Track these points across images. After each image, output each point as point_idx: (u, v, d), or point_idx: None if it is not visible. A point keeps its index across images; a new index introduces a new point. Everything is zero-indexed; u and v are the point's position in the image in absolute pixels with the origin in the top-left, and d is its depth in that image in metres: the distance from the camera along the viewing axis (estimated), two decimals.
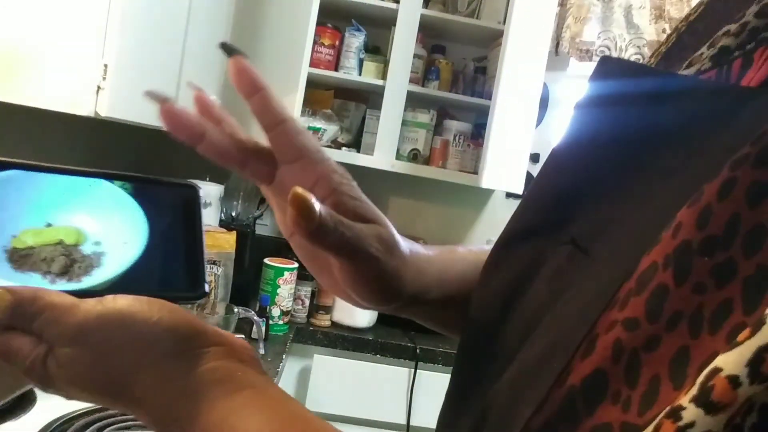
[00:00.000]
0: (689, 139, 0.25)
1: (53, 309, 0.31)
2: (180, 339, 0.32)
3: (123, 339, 0.31)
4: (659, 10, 2.18)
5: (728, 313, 0.20)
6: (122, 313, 0.32)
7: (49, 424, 0.89)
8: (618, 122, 0.30)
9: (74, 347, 0.31)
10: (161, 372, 0.31)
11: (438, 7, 2.12)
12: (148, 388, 0.31)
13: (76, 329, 0.31)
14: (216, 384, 0.31)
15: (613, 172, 0.29)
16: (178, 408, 0.31)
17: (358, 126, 2.24)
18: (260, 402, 0.31)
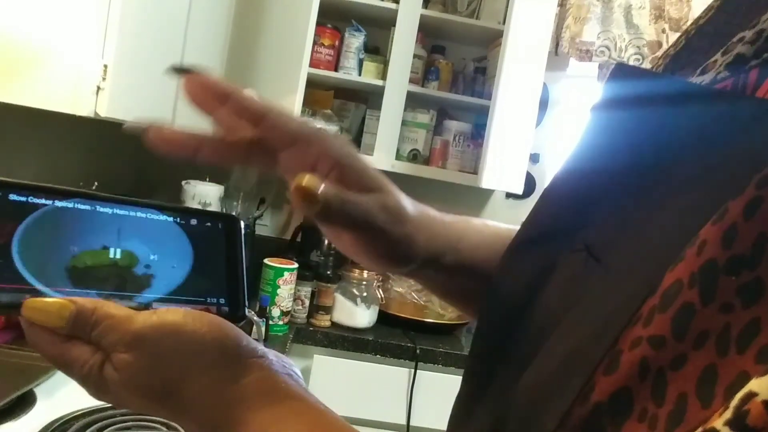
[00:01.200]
0: (707, 150, 0.25)
1: (111, 318, 0.33)
2: (227, 350, 0.34)
3: (175, 347, 0.33)
4: (659, 10, 2.18)
5: (756, 332, 0.20)
6: (175, 323, 0.34)
7: (49, 425, 0.89)
8: (635, 129, 0.30)
9: (131, 352, 0.33)
10: (209, 380, 0.33)
11: (438, 8, 2.12)
12: (195, 394, 0.33)
13: (133, 336, 0.33)
14: (260, 394, 0.33)
15: (629, 180, 0.28)
16: (223, 415, 0.33)
17: (358, 126, 2.24)
18: (301, 413, 0.33)
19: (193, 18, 1.49)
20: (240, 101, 0.37)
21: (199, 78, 0.36)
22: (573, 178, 0.33)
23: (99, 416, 0.94)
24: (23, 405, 0.93)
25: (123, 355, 0.33)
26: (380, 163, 2.07)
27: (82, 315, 0.33)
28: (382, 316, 1.87)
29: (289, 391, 0.34)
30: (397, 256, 0.40)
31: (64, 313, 0.33)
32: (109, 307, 0.34)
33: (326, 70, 2.06)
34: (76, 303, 0.33)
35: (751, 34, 0.29)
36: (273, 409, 0.33)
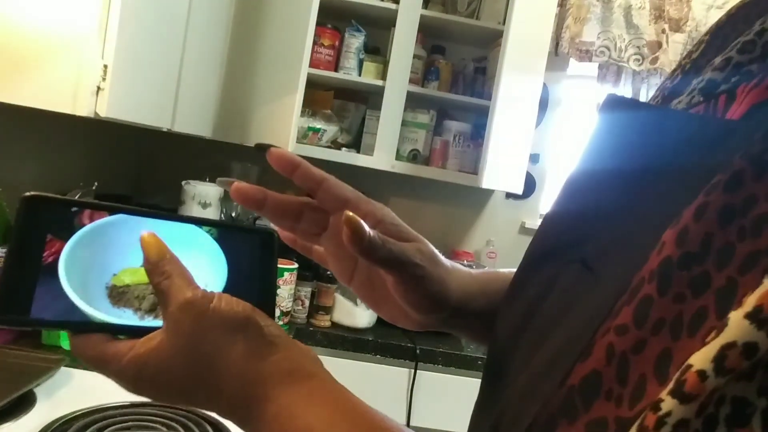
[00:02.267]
0: (679, 167, 0.29)
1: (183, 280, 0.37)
2: (255, 329, 0.37)
3: (215, 322, 0.36)
4: (659, 10, 2.18)
5: (704, 319, 0.23)
6: (216, 299, 0.37)
7: (49, 425, 0.89)
8: (622, 152, 0.33)
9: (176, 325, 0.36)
10: (240, 357, 0.36)
11: (438, 8, 2.13)
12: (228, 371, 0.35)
13: (179, 308, 0.36)
14: (286, 372, 0.36)
15: (619, 198, 0.32)
16: (252, 391, 0.35)
17: (358, 126, 2.24)
18: (323, 392, 0.36)
19: (193, 18, 1.49)
20: (306, 168, 0.46)
21: (278, 151, 0.45)
22: (573, 197, 0.37)
23: (99, 416, 0.94)
24: (23, 405, 0.94)
25: (169, 327, 0.36)
26: (380, 164, 2.07)
27: (168, 261, 0.37)
28: None
29: (313, 370, 0.37)
30: (433, 295, 0.45)
31: (162, 253, 0.37)
32: (184, 273, 0.37)
33: (326, 70, 2.06)
34: (171, 255, 0.38)
35: (721, 61, 0.34)
36: (298, 387, 0.35)
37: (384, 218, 0.46)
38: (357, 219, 0.39)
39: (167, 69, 1.42)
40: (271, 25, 1.89)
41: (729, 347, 0.20)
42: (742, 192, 0.23)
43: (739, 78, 0.33)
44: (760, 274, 0.21)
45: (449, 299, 0.46)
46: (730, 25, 0.39)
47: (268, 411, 0.35)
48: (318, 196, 0.46)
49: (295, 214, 0.46)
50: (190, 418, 0.98)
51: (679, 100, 0.37)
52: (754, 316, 0.20)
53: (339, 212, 0.45)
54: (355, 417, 0.34)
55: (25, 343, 1.17)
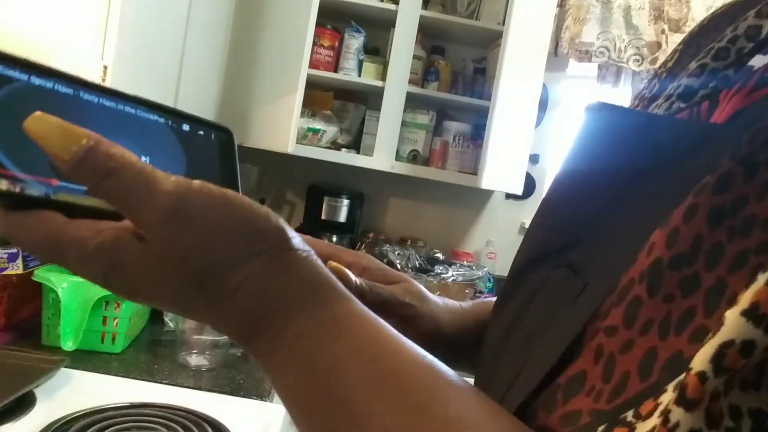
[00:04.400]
0: (665, 171, 0.29)
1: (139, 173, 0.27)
2: (286, 238, 0.30)
3: (226, 221, 0.28)
4: (658, 10, 2.18)
5: (691, 317, 0.23)
6: (224, 193, 0.29)
7: (49, 425, 0.89)
8: (609, 156, 0.34)
9: (170, 219, 0.27)
10: (260, 266, 0.29)
11: (437, 8, 2.13)
12: (246, 280, 0.28)
13: (175, 198, 0.27)
14: (318, 288, 0.30)
15: (606, 201, 0.32)
16: (275, 306, 0.29)
17: (358, 127, 2.24)
18: (357, 320, 0.29)
19: (193, 18, 1.49)
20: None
21: None
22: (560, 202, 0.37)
23: (99, 417, 0.94)
24: (23, 405, 0.94)
25: (158, 223, 0.27)
26: (380, 164, 2.07)
27: (99, 150, 0.27)
28: None
29: (341, 290, 0.30)
30: (429, 335, 0.45)
31: (75, 141, 0.26)
32: (136, 160, 0.27)
33: (326, 71, 2.06)
34: (96, 139, 0.27)
35: (696, 67, 0.35)
36: (329, 307, 0.29)
37: (369, 264, 0.46)
38: (342, 268, 0.40)
39: (167, 69, 1.42)
40: (270, 26, 1.89)
41: (727, 346, 0.20)
42: (731, 193, 0.24)
43: (716, 84, 0.34)
44: (749, 273, 0.22)
45: (444, 335, 0.46)
46: (703, 34, 0.41)
47: (290, 331, 0.28)
48: None
49: None
50: (189, 418, 0.98)
51: (656, 104, 0.38)
52: (750, 314, 0.20)
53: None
54: (397, 358, 0.28)
55: (25, 344, 1.18)
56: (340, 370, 0.27)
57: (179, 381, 1.16)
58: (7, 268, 1.14)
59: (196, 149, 0.37)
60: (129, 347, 1.29)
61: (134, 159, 0.27)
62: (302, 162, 2.06)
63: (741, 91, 0.32)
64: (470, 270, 2.09)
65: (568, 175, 0.37)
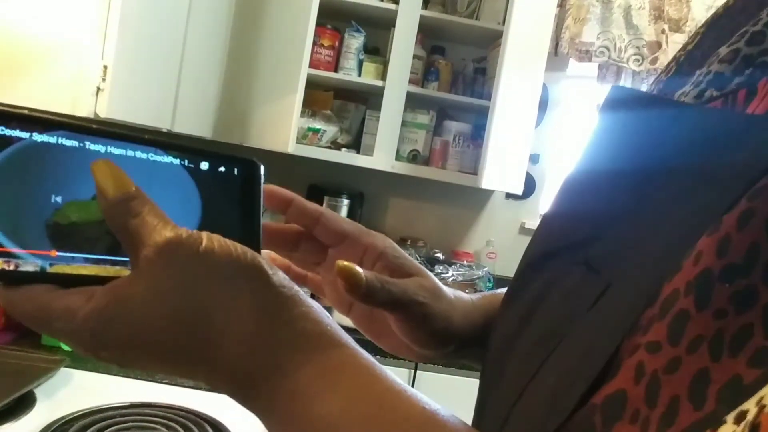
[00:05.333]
0: (700, 165, 0.26)
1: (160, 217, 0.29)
2: (266, 275, 0.30)
3: (211, 267, 0.29)
4: (658, 10, 2.18)
5: (749, 336, 0.20)
6: (210, 244, 0.29)
7: (49, 425, 0.89)
8: (633, 147, 0.31)
9: (156, 264, 0.28)
10: (249, 305, 0.29)
11: (437, 8, 2.13)
12: (230, 324, 0.28)
13: (166, 243, 0.28)
14: (307, 338, 0.29)
15: (628, 196, 0.30)
16: (264, 359, 0.28)
17: (358, 127, 2.24)
18: (352, 371, 0.29)
19: (193, 18, 1.49)
20: (301, 204, 0.43)
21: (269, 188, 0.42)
22: (577, 195, 0.35)
23: (99, 417, 0.94)
24: (23, 405, 0.94)
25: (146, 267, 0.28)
26: (380, 164, 2.07)
27: (137, 200, 0.29)
28: None
29: (335, 336, 0.30)
30: (438, 332, 0.43)
31: (128, 186, 0.29)
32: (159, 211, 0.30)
33: (326, 70, 2.06)
34: (139, 190, 0.29)
35: (728, 53, 0.32)
36: (322, 358, 0.28)
37: (385, 250, 0.44)
38: (350, 267, 0.37)
39: (167, 69, 1.42)
40: (271, 26, 1.89)
41: None
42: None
43: (753, 71, 0.31)
44: None
45: (455, 334, 0.44)
46: (728, 16, 0.38)
47: (283, 388, 0.28)
48: (316, 231, 0.44)
49: (292, 243, 0.44)
50: (189, 418, 0.98)
51: (683, 92, 0.35)
52: None
53: (339, 245, 0.44)
54: (392, 411, 0.27)
55: (25, 344, 1.18)
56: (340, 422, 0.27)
57: (179, 381, 1.16)
58: None
59: (215, 188, 0.36)
60: None
61: (156, 210, 0.29)
62: (302, 162, 2.06)
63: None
64: (470, 270, 2.09)
65: (586, 171, 0.34)
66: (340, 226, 0.44)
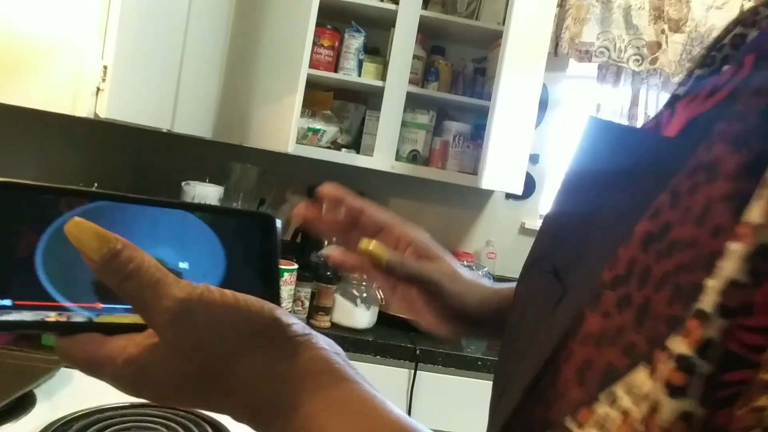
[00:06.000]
0: (627, 182, 0.31)
1: (152, 277, 0.31)
2: (276, 328, 0.33)
3: (224, 321, 0.31)
4: (658, 10, 2.18)
5: (622, 334, 0.25)
6: (223, 296, 0.32)
7: (49, 426, 0.89)
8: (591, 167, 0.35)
9: (175, 324, 0.31)
10: (260, 358, 0.32)
11: (437, 8, 2.13)
12: (245, 374, 0.31)
13: (179, 303, 0.31)
14: (312, 375, 0.32)
15: (587, 208, 0.34)
16: (273, 397, 0.31)
17: (358, 127, 2.24)
18: (354, 402, 0.32)
19: (193, 18, 1.49)
20: (348, 202, 0.52)
21: (326, 190, 0.52)
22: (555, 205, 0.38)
23: (99, 417, 0.94)
24: (23, 406, 0.94)
25: (164, 325, 0.31)
26: (380, 164, 2.07)
27: (122, 255, 0.31)
28: (382, 316, 1.87)
29: (341, 373, 0.33)
30: (452, 311, 0.50)
31: (105, 245, 0.30)
32: (153, 265, 0.31)
33: (326, 70, 2.06)
34: (123, 244, 0.31)
35: (685, 74, 0.37)
36: (327, 392, 0.31)
37: (415, 239, 0.52)
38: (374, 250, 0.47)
39: (167, 69, 1.42)
40: (270, 26, 1.89)
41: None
42: (660, 219, 0.26)
43: (684, 90, 0.35)
44: (670, 291, 0.24)
45: (467, 313, 0.50)
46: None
47: (294, 421, 0.31)
48: (360, 222, 0.52)
49: (342, 233, 0.53)
50: (189, 418, 0.98)
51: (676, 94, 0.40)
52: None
53: (378, 234, 0.52)
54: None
55: (25, 344, 1.17)
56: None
57: None
58: None
59: (236, 243, 0.39)
60: None
61: (151, 264, 0.31)
62: (302, 162, 2.06)
63: (694, 101, 0.32)
64: (470, 270, 2.09)
65: (563, 181, 0.39)
66: (379, 218, 0.52)
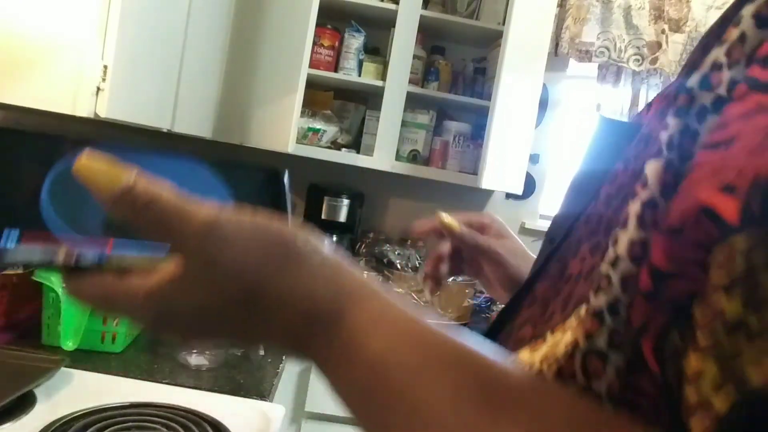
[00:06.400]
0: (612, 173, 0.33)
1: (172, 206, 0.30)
2: (312, 243, 0.32)
3: (254, 235, 0.31)
4: (658, 10, 2.18)
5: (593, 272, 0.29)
6: (255, 218, 0.31)
7: (49, 425, 0.89)
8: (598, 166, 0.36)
9: (204, 244, 0.30)
10: (299, 275, 0.30)
11: (437, 8, 2.13)
12: (283, 294, 0.30)
13: (204, 224, 0.30)
14: (354, 289, 0.31)
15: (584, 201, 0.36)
16: (317, 313, 0.30)
17: (358, 127, 2.24)
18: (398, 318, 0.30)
19: (193, 18, 1.49)
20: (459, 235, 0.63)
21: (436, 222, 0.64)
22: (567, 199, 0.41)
23: (99, 416, 0.94)
24: (23, 405, 0.94)
25: (194, 249, 0.30)
26: (380, 164, 2.07)
27: (138, 187, 0.30)
28: None
29: (376, 286, 0.32)
30: (511, 280, 0.60)
31: (118, 179, 0.30)
32: (172, 191, 0.30)
33: (326, 70, 2.06)
34: (137, 175, 0.30)
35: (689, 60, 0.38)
36: (366, 306, 0.30)
37: (492, 224, 0.64)
38: (448, 222, 0.62)
39: (167, 69, 1.42)
40: (271, 26, 1.89)
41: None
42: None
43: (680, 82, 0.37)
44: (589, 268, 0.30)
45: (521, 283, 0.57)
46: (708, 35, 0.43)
47: (336, 338, 0.30)
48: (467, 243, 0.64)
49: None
50: (189, 418, 0.98)
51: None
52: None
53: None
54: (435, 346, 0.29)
55: (25, 344, 1.18)
56: (389, 361, 0.29)
57: (179, 381, 1.16)
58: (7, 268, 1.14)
59: (246, 194, 0.39)
60: (129, 347, 1.29)
61: (170, 192, 0.30)
62: (302, 162, 2.06)
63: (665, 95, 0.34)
64: None
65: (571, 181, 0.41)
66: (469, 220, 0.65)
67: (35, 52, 1.05)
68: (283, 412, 1.09)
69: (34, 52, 1.05)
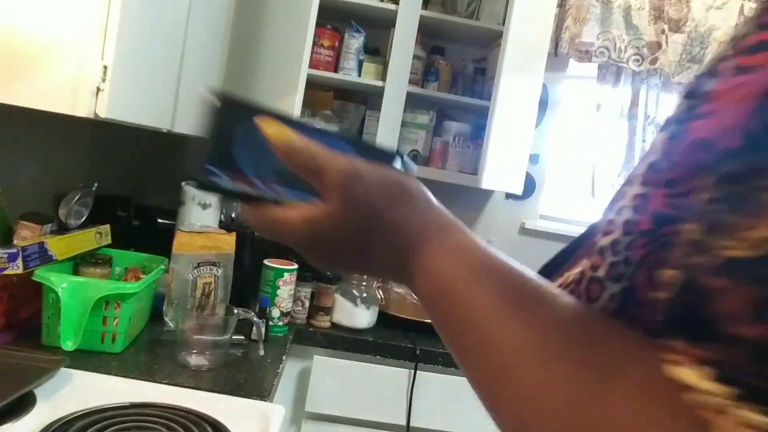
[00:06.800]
0: None
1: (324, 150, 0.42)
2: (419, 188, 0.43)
3: (383, 181, 0.42)
4: (658, 10, 2.18)
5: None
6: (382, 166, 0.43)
7: (49, 425, 0.89)
8: None
9: (349, 182, 0.40)
10: (407, 213, 0.41)
11: (437, 8, 2.13)
12: (404, 215, 0.41)
13: (350, 166, 0.41)
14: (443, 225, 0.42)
15: None
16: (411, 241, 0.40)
17: (358, 127, 2.24)
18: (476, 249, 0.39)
19: (193, 18, 1.49)
20: None
21: None
22: None
23: (99, 417, 0.94)
24: (23, 405, 0.94)
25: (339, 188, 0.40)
26: None
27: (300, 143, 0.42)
28: (382, 316, 1.87)
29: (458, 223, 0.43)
30: None
31: (289, 136, 0.42)
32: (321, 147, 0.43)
33: (326, 71, 2.06)
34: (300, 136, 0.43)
35: None
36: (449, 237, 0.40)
37: None
38: None
39: (167, 69, 1.42)
40: (270, 26, 1.89)
41: None
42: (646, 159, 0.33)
43: None
44: None
45: None
46: None
47: (429, 251, 0.39)
48: None
49: None
50: (189, 418, 0.98)
51: None
52: None
53: None
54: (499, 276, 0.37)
55: (25, 344, 1.18)
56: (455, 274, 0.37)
57: (179, 381, 1.16)
58: (7, 268, 1.14)
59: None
60: (129, 347, 1.29)
61: (321, 147, 0.42)
62: None
63: None
64: None
65: None
66: None
67: (35, 53, 1.05)
68: (283, 413, 1.09)
69: (33, 53, 1.05)
